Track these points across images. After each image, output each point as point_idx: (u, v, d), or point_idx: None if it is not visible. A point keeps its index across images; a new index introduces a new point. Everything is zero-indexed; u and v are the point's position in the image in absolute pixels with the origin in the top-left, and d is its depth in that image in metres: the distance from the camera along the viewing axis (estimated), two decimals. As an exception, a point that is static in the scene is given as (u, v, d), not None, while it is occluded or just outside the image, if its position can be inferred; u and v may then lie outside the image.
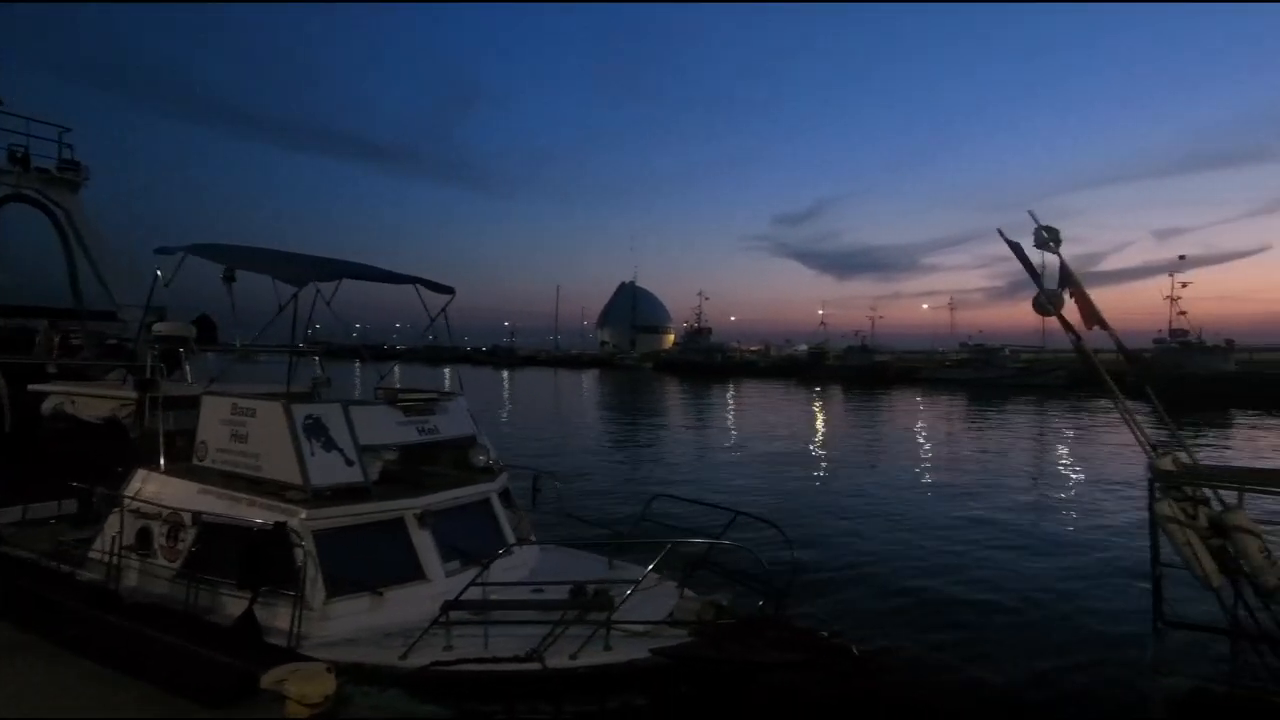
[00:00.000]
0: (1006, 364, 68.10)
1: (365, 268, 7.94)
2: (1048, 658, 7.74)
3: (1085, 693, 6.98)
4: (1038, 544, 12.37)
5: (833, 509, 14.93)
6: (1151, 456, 4.17)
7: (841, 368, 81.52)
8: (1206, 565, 3.86)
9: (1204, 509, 4.03)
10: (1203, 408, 37.56)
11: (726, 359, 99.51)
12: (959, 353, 79.36)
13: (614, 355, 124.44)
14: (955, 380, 67.45)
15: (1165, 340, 57.22)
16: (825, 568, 10.61)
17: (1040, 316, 4.59)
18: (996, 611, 9.13)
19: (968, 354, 75.19)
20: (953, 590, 9.82)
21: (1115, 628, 8.39)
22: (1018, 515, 14.59)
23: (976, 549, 11.97)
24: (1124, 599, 9.29)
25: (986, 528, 13.49)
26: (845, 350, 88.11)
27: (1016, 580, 10.36)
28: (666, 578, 6.10)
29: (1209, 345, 54.52)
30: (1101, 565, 11.05)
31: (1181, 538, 3.90)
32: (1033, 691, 7.01)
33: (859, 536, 12.66)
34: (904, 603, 9.31)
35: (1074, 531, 13.35)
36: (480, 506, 6.73)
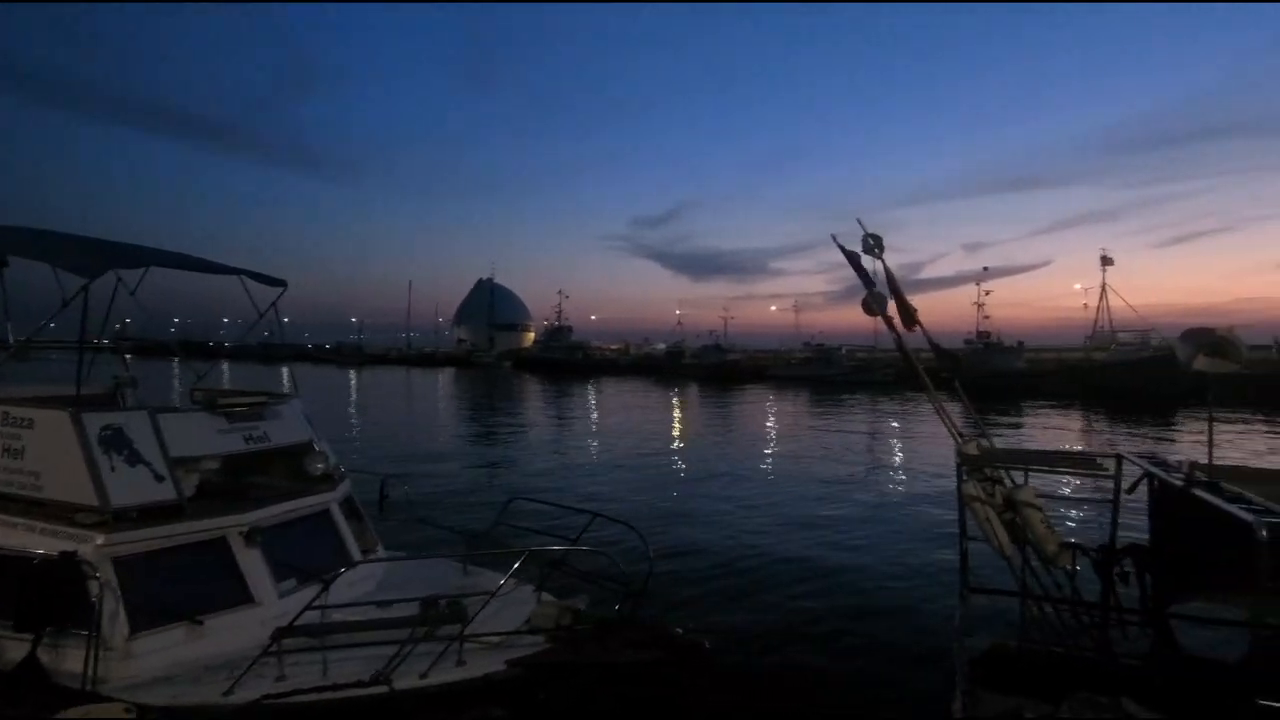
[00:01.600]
0: (843, 362, 73.94)
1: (180, 256, 7.09)
2: (878, 628, 8.47)
3: (906, 655, 7.70)
4: (869, 527, 13.51)
5: (689, 506, 15.43)
6: (959, 443, 4.70)
7: (697, 366, 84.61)
8: (1001, 537, 4.40)
9: (999, 487, 4.60)
10: (1001, 400, 43.27)
11: (587, 357, 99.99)
12: (802, 352, 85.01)
13: (471, 353, 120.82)
14: (800, 377, 72.23)
15: (973, 341, 64.90)
16: (681, 565, 10.92)
17: (871, 318, 5.03)
18: (835, 591, 9.85)
19: (810, 353, 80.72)
20: (797, 577, 10.44)
21: (933, 596, 9.37)
22: (853, 501, 15.85)
23: (819, 536, 12.86)
24: (940, 570, 10.38)
25: (827, 515, 14.55)
26: (701, 349, 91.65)
27: (852, 561, 11.24)
28: (524, 583, 5.99)
29: (1006, 346, 62.52)
30: (923, 540, 12.28)
31: (982, 514, 4.43)
32: (863, 659, 7.63)
33: (712, 531, 13.16)
34: (752, 594, 9.79)
35: (899, 513, 14.72)
36: (319, 519, 6.24)
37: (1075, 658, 4.93)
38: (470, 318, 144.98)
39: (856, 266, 4.91)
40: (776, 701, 6.70)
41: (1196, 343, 4.28)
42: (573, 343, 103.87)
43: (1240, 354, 4.22)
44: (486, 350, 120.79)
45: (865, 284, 4.94)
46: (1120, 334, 60.95)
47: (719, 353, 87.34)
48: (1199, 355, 4.22)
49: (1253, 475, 4.71)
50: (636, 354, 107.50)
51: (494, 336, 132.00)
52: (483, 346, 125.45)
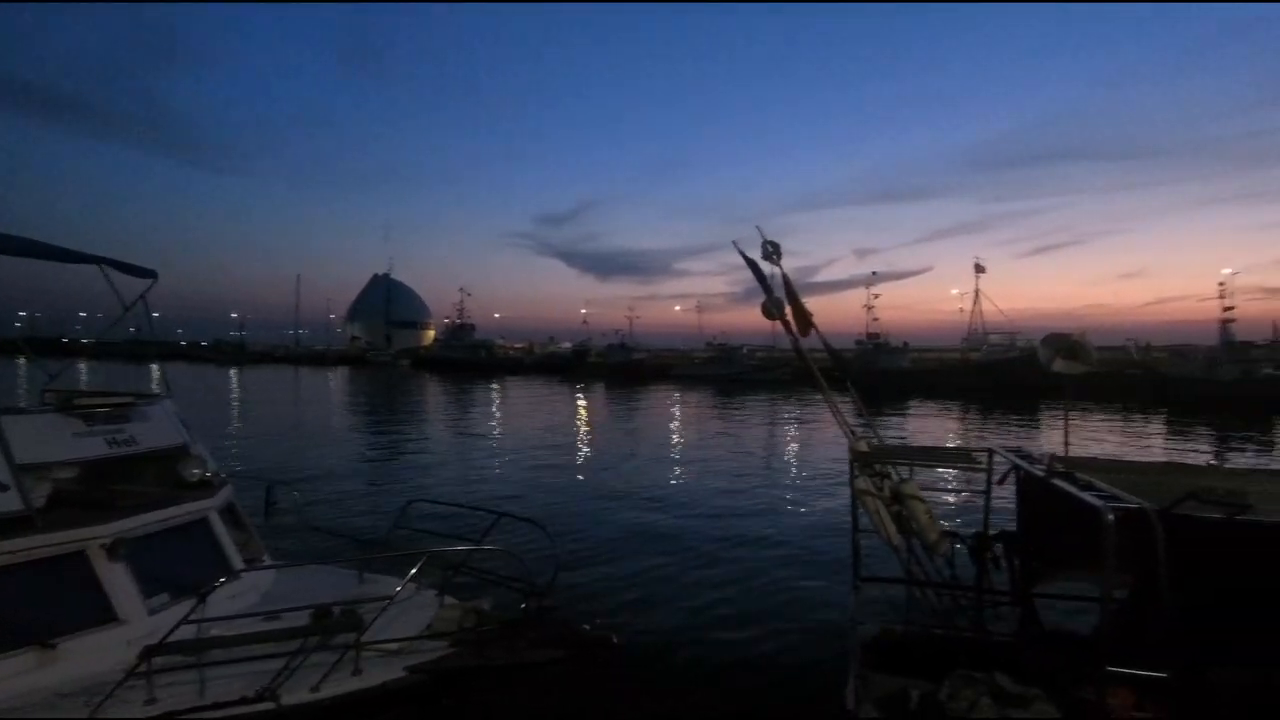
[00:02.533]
0: (745, 362, 76.25)
1: (26, 242, 6.35)
2: (779, 619, 8.78)
3: (807, 643, 8.03)
4: (771, 521, 13.99)
5: (596, 504, 15.43)
6: (851, 439, 4.96)
7: (603, 365, 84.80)
8: (889, 528, 4.69)
9: (887, 481, 4.90)
10: (889, 397, 46.02)
11: (491, 356, 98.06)
12: (706, 352, 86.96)
13: (367, 352, 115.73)
14: (703, 376, 73.85)
15: (863, 342, 68.62)
16: (589, 563, 10.92)
17: (768, 320, 5.23)
18: (738, 584, 10.13)
19: (713, 353, 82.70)
20: (703, 572, 10.66)
21: (830, 586, 9.82)
22: (755, 497, 16.36)
23: (723, 531, 13.18)
24: (836, 561, 10.90)
25: (731, 510, 14.94)
26: (606, 349, 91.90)
27: (755, 555, 11.60)
28: (425, 588, 5.80)
29: (893, 347, 66.52)
30: (820, 533, 12.85)
31: (872, 506, 4.70)
32: (766, 649, 7.89)
33: (620, 529, 13.23)
34: (659, 589, 9.92)
35: (799, 507, 15.35)
36: (195, 528, 5.77)
37: (954, 638, 5.31)
38: (365, 315, 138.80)
39: (756, 272, 5.09)
40: (684, 693, 6.82)
41: (1055, 346, 4.74)
42: (475, 341, 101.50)
43: (1091, 356, 4.71)
44: (383, 349, 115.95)
45: (765, 289, 5.13)
46: (991, 336, 66.36)
47: (625, 352, 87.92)
48: (1057, 358, 4.68)
49: (1103, 465, 5.25)
50: (541, 353, 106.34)
51: (391, 334, 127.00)
52: (379, 345, 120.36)
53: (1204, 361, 47.43)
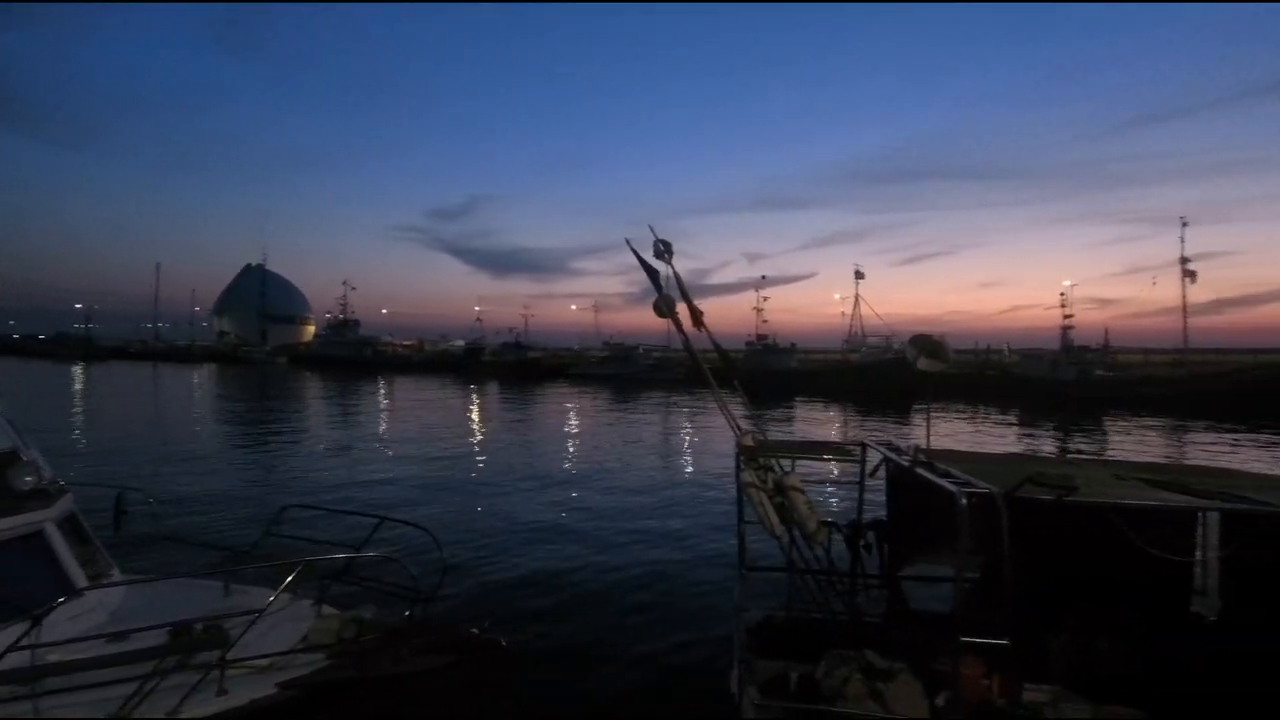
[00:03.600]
0: (641, 361, 77.17)
1: None
2: (672, 611, 8.97)
3: (699, 633, 8.24)
4: (663, 516, 14.25)
5: (488, 505, 15.12)
6: (738, 435, 5.15)
7: (497, 364, 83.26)
8: (772, 519, 4.91)
9: (771, 474, 5.13)
10: (777, 396, 48.09)
11: (378, 354, 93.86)
12: (602, 351, 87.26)
13: (238, 348, 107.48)
14: (599, 376, 74.07)
15: (753, 343, 71.19)
16: (480, 565, 10.69)
17: (660, 318, 5.34)
18: (632, 579, 10.25)
19: (609, 352, 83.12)
20: (597, 570, 10.70)
21: (720, 577, 10.13)
22: (649, 494, 16.60)
23: (618, 528, 13.29)
24: (725, 552, 11.25)
25: (625, 508, 15.08)
26: (501, 347, 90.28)
27: (648, 550, 11.77)
28: (301, 598, 5.48)
29: (780, 347, 69.45)
30: (711, 526, 13.22)
31: (757, 499, 4.90)
32: (660, 642, 8.03)
33: (513, 530, 13.04)
34: (552, 588, 9.86)
35: (691, 502, 15.71)
36: (27, 542, 5.16)
37: (830, 620, 5.64)
38: (236, 308, 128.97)
39: (648, 270, 5.18)
40: (576, 693, 6.82)
41: (919, 346, 5.16)
42: (360, 338, 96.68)
43: (948, 356, 5.17)
44: (257, 345, 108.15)
45: (656, 287, 5.24)
46: (870, 338, 70.77)
47: (520, 350, 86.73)
48: (921, 356, 5.09)
49: (960, 456, 5.75)
50: (432, 351, 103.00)
51: (266, 330, 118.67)
52: (253, 341, 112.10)
53: (1049, 363, 52.79)
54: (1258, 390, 40.53)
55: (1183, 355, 55.43)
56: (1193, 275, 54.34)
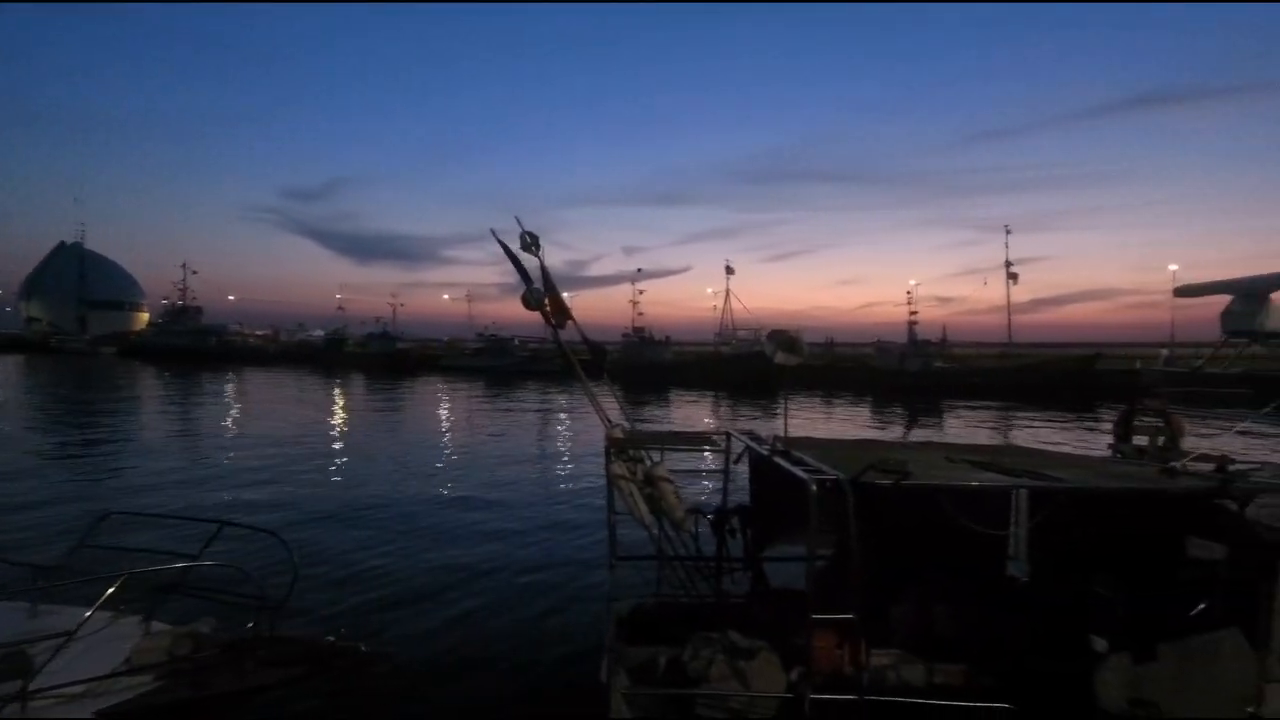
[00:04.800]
0: (516, 353, 75.98)
1: None
2: (544, 607, 8.89)
3: (571, 627, 8.24)
4: (537, 511, 14.13)
5: (348, 506, 14.28)
6: (607, 427, 5.20)
7: (363, 355, 79.04)
8: (641, 508, 5.00)
9: (641, 465, 5.22)
10: (653, 387, 49.07)
11: (225, 344, 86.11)
12: (476, 342, 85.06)
13: (52, 337, 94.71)
14: (474, 368, 72.17)
15: (629, 335, 72.14)
16: (336, 569, 10.07)
17: (528, 310, 5.27)
18: (503, 578, 10.06)
19: (483, 343, 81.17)
20: (468, 570, 10.35)
21: (593, 571, 10.18)
22: (522, 489, 16.39)
23: (488, 526, 12.99)
24: (598, 544, 11.33)
25: (497, 504, 14.79)
26: (367, 337, 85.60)
27: (520, 547, 11.61)
28: (125, 616, 4.92)
29: (656, 340, 70.87)
30: (586, 518, 13.26)
31: (626, 489, 4.97)
32: (531, 640, 7.94)
33: (376, 531, 12.41)
34: (419, 590, 9.47)
35: (563, 495, 15.69)
36: None
37: (697, 604, 5.85)
38: (48, 291, 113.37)
39: (515, 262, 5.09)
40: (444, 697, 6.61)
41: (777, 341, 5.46)
42: (203, 326, 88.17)
43: (803, 350, 5.51)
44: (75, 334, 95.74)
45: (524, 279, 5.17)
46: (740, 332, 73.69)
47: (388, 341, 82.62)
48: (778, 350, 5.38)
49: (815, 443, 6.14)
50: (289, 341, 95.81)
51: (85, 316, 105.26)
52: (69, 329, 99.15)
53: (897, 356, 57.54)
54: (1063, 380, 46.50)
55: (1007, 349, 62.41)
56: (1015, 277, 61.44)
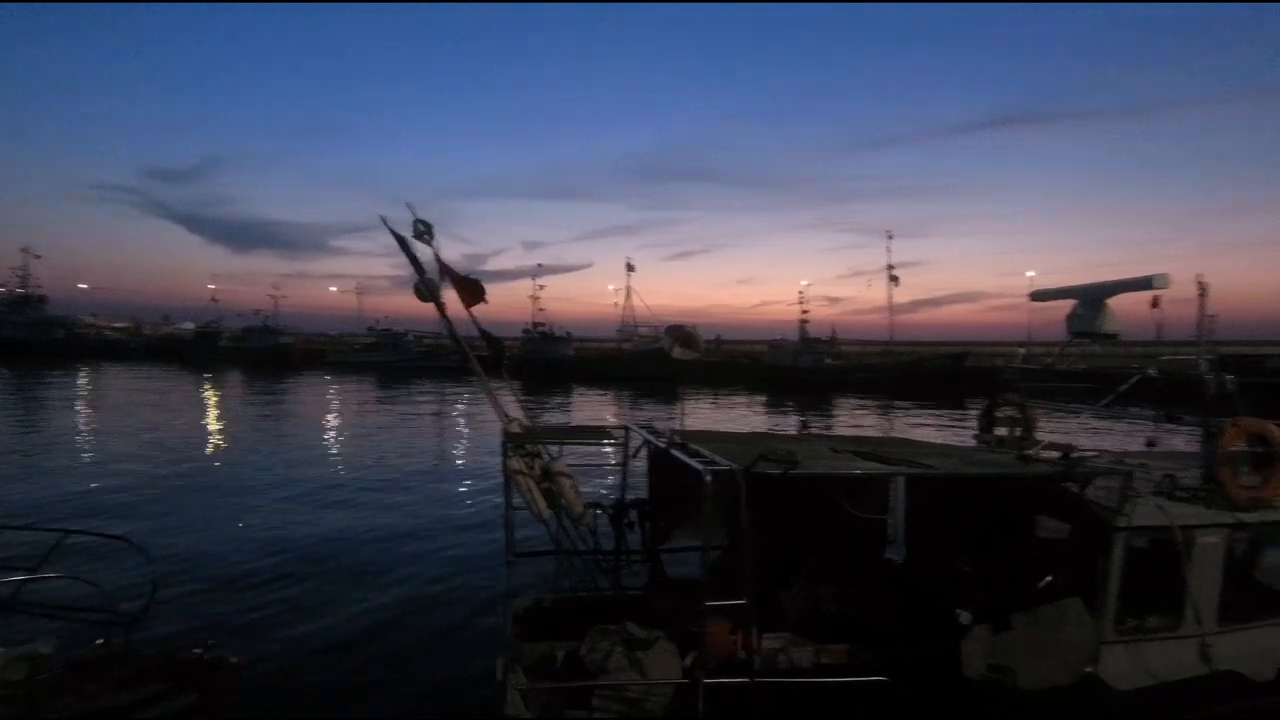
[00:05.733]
0: (411, 348, 73.10)
1: None
2: (440, 608, 8.65)
3: (468, 627, 8.05)
4: (432, 510, 13.69)
5: (222, 510, 13.28)
6: (505, 422, 5.10)
7: (240, 350, 73.75)
8: (540, 504, 4.94)
9: (539, 461, 5.16)
10: (554, 383, 48.69)
11: (76, 337, 77.73)
12: (367, 337, 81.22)
13: None
14: (365, 364, 68.90)
15: (530, 331, 71.13)
16: (212, 579, 9.35)
17: (421, 302, 5.07)
18: (396, 581, 9.69)
19: (376, 338, 77.62)
20: (360, 573, 9.95)
21: (490, 569, 9.96)
22: (417, 488, 15.84)
23: (382, 527, 12.46)
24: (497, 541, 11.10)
25: (390, 504, 14.22)
26: (243, 331, 79.74)
27: (415, 547, 11.21)
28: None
29: (557, 336, 70.28)
30: (483, 516, 12.97)
31: (524, 485, 4.90)
32: (425, 643, 7.70)
33: (252, 537, 11.61)
34: (310, 598, 8.95)
35: (460, 493, 15.29)
36: None
37: (596, 597, 5.85)
38: None
39: (407, 252, 4.88)
40: (330, 708, 6.28)
41: (674, 337, 5.55)
42: (49, 317, 78.94)
43: (699, 345, 5.63)
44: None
45: (416, 269, 4.96)
46: (641, 329, 74.37)
47: (269, 335, 77.29)
48: (676, 346, 5.48)
49: (711, 436, 6.29)
50: (153, 335, 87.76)
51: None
52: None
53: (790, 353, 59.98)
54: (937, 376, 50.17)
55: (889, 347, 66.49)
56: (896, 280, 65.41)
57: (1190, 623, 5.04)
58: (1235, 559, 5.40)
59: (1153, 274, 5.58)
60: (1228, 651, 5.03)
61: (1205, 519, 5.08)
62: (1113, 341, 6.14)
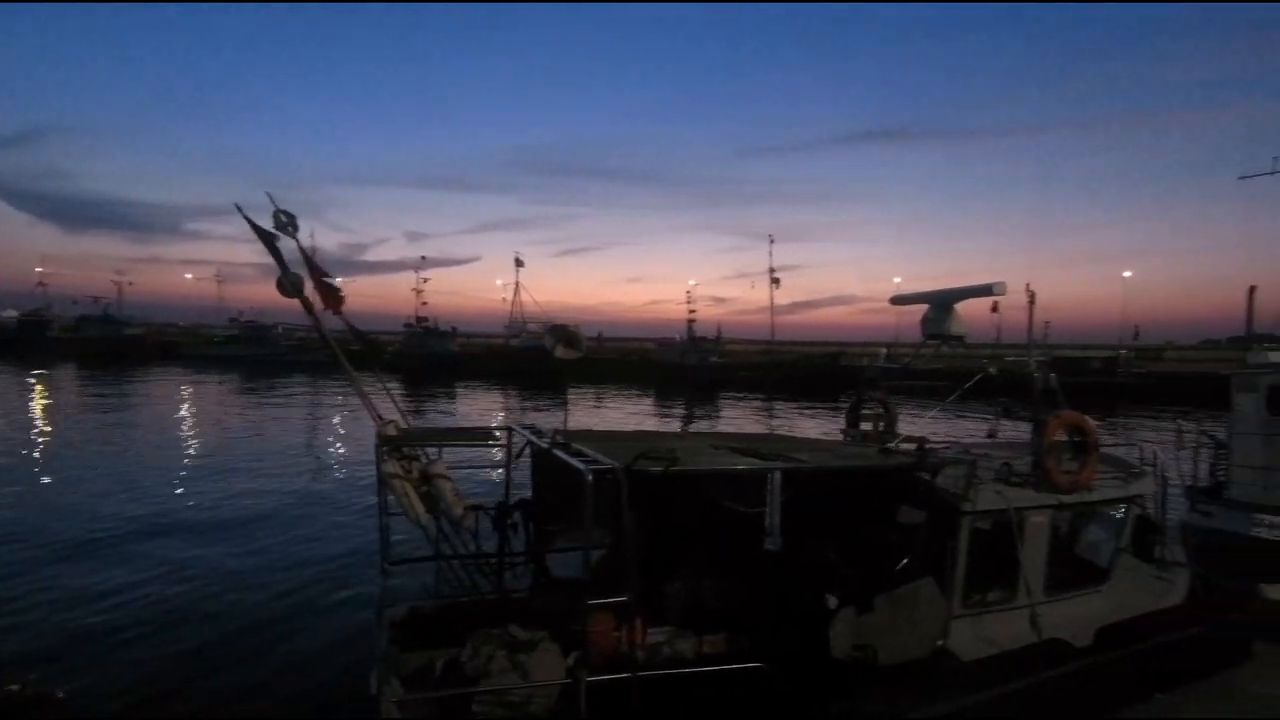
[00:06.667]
0: (279, 342, 68.29)
1: None
2: (309, 624, 8.14)
3: (341, 643, 7.62)
4: (301, 520, 12.87)
5: (50, 524, 11.84)
6: (379, 424, 4.87)
7: (75, 341, 66.09)
8: (418, 508, 4.77)
9: (416, 463, 4.97)
10: (439, 380, 47.09)
11: None
12: (230, 329, 75.11)
13: None
14: (228, 358, 63.70)
15: (412, 326, 68.34)
16: (34, 607, 8.31)
17: (284, 297, 4.74)
18: (260, 594, 9.05)
19: (238, 331, 71.98)
20: (216, 592, 9.19)
21: (357, 577, 9.49)
22: (283, 496, 14.84)
23: (243, 541, 11.58)
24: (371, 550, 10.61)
25: (253, 515, 13.24)
26: (79, 320, 71.47)
27: (282, 559, 10.52)
28: None
29: (442, 331, 67.99)
30: (357, 524, 12.32)
31: (400, 489, 4.71)
32: (293, 661, 7.23)
33: (89, 553, 10.44)
34: (158, 621, 8.13)
35: (332, 499, 14.45)
36: None
37: (479, 602, 5.72)
38: None
39: (269, 244, 4.53)
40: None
41: (556, 335, 5.52)
42: None
43: (582, 345, 5.64)
44: None
45: (278, 263, 4.63)
46: (530, 325, 73.42)
47: (112, 325, 69.77)
48: (559, 345, 5.45)
49: (595, 435, 6.31)
50: (-33, 324, 76.90)
51: None
52: None
53: (678, 351, 61.32)
54: (813, 375, 53.03)
55: (771, 346, 69.51)
56: (778, 282, 68.61)
57: (1023, 595, 5.63)
58: (1059, 536, 6.09)
59: (992, 282, 6.16)
60: (1053, 620, 5.66)
61: (1034, 501, 5.69)
62: (960, 343, 6.72)
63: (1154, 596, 6.34)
